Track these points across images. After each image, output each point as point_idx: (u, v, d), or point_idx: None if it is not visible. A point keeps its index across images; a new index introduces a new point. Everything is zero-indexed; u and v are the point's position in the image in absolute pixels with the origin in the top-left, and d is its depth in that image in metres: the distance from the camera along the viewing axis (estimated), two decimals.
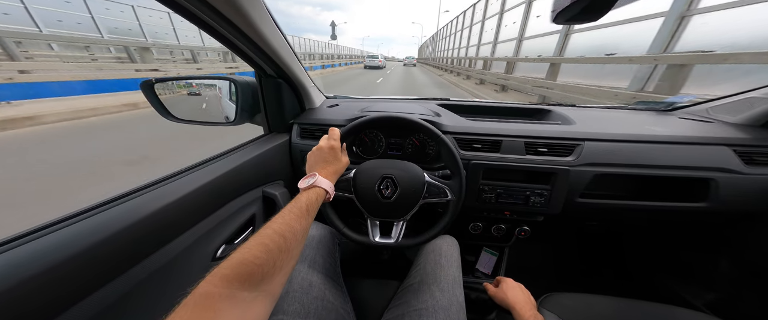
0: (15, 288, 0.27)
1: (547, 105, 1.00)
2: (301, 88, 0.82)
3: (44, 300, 0.29)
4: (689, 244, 1.01)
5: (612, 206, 0.76)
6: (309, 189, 0.47)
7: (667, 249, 1.07)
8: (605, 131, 0.75)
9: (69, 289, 0.31)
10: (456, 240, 0.74)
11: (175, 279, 0.44)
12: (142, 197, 0.43)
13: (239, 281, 0.28)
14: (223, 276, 0.27)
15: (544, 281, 0.88)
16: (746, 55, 2.37)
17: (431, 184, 0.59)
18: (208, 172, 0.54)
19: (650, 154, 0.71)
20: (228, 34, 0.52)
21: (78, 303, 0.32)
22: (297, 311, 0.50)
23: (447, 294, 0.58)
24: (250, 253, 0.31)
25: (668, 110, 0.97)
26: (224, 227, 0.56)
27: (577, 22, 0.41)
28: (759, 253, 0.81)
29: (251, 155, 0.66)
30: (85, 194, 1.91)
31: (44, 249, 0.31)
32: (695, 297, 0.95)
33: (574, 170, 0.71)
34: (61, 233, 0.33)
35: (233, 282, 0.27)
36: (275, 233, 0.35)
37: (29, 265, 0.29)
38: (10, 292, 0.26)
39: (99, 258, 0.34)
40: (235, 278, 0.27)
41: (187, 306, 0.24)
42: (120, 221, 0.38)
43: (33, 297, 0.28)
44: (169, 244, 0.44)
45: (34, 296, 0.28)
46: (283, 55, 0.65)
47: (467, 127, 0.78)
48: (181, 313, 0.23)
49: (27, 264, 0.29)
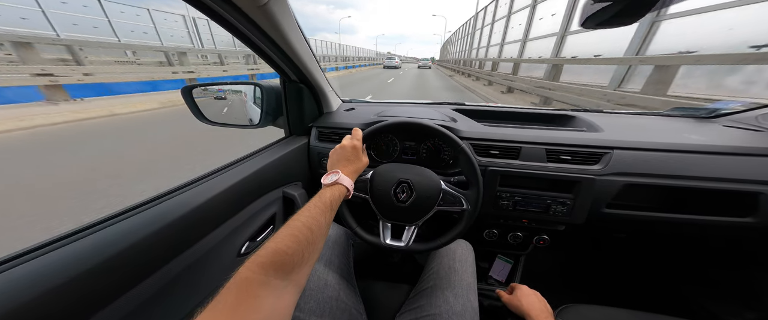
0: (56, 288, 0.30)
1: (570, 111, 0.96)
2: (320, 92, 0.85)
3: (80, 301, 0.32)
4: (726, 260, 0.92)
5: (644, 218, 0.71)
6: (332, 186, 0.48)
7: (700, 263, 0.98)
8: (637, 139, 0.70)
9: (103, 291, 0.34)
10: (471, 245, 0.72)
11: (206, 273, 0.48)
12: (170, 201, 0.46)
13: (274, 269, 0.29)
14: (261, 264, 0.28)
15: (562, 292, 0.84)
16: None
17: (447, 192, 0.59)
18: (236, 173, 0.58)
19: (690, 164, 0.66)
20: (258, 40, 0.55)
21: (114, 302, 0.35)
22: (313, 309, 0.52)
23: (461, 299, 0.57)
24: (283, 243, 0.32)
25: (710, 117, 0.89)
26: (248, 226, 0.59)
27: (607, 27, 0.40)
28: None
29: (273, 157, 0.69)
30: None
31: (80, 252, 0.34)
32: (733, 315, 0.87)
33: (600, 179, 0.68)
34: (96, 237, 0.36)
35: (269, 269, 0.28)
36: (303, 225, 0.36)
37: (73, 265, 0.32)
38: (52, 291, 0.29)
39: (140, 254, 0.38)
40: (270, 266, 0.29)
41: (231, 289, 0.25)
42: (158, 221, 0.41)
43: (76, 294, 0.31)
44: (201, 241, 0.47)
45: (77, 293, 0.31)
46: (306, 61, 0.68)
47: (485, 133, 0.76)
48: (226, 296, 0.25)
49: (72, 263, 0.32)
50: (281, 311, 0.28)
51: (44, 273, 0.30)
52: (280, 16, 0.51)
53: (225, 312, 0.23)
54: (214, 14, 0.44)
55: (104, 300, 0.34)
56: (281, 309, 0.28)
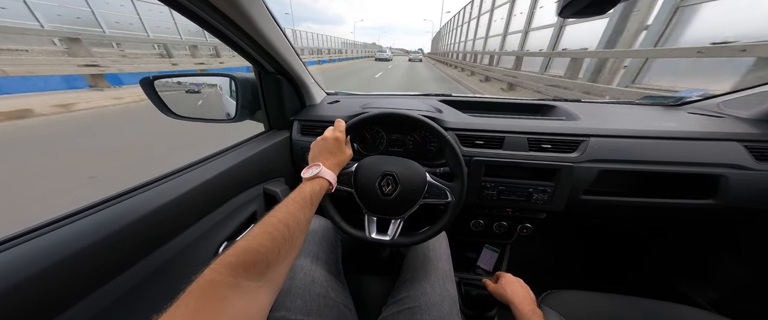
0: (18, 286, 0.27)
1: (551, 100, 0.98)
2: (301, 84, 0.81)
3: (44, 299, 0.29)
4: (695, 241, 0.99)
5: (617, 203, 0.75)
6: (312, 179, 0.46)
7: (672, 246, 1.05)
8: (611, 127, 0.73)
9: (69, 288, 0.32)
10: (445, 233, 0.73)
11: (177, 276, 0.45)
12: (142, 194, 0.43)
13: (244, 269, 0.27)
14: (228, 264, 0.27)
15: (546, 278, 0.88)
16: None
17: (432, 184, 0.59)
18: (209, 169, 0.54)
19: (658, 150, 0.69)
20: (227, 31, 0.51)
21: (79, 302, 0.32)
22: (299, 307, 0.51)
23: (438, 289, 0.58)
24: (255, 241, 0.30)
25: (677, 105, 0.95)
26: (226, 225, 0.56)
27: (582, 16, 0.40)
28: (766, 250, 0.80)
29: (252, 152, 0.66)
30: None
31: (44, 248, 0.31)
32: (700, 295, 0.94)
33: (578, 166, 0.70)
34: (62, 231, 0.34)
35: (238, 270, 0.27)
36: (279, 221, 0.34)
37: (30, 264, 0.29)
38: (13, 289, 0.27)
39: (100, 256, 0.35)
40: (240, 266, 0.27)
41: (192, 293, 0.23)
42: (120, 219, 0.38)
43: (34, 296, 0.29)
44: (171, 241, 0.44)
45: (34, 294, 0.29)
46: (282, 51, 0.64)
47: (469, 123, 0.77)
48: (186, 300, 0.23)
49: (28, 263, 0.29)
50: (254, 313, 0.26)
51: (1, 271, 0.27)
52: (248, 5, 0.47)
53: (186, 317, 0.21)
54: (177, 5, 0.41)
55: (67, 300, 0.31)
56: (254, 312, 0.26)
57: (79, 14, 9.35)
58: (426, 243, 0.68)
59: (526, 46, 7.87)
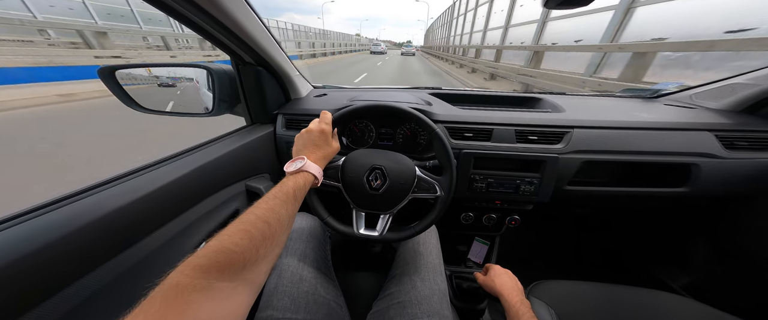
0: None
1: (537, 93, 1.00)
2: (284, 77, 0.78)
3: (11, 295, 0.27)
4: (670, 229, 1.04)
5: (599, 193, 0.77)
6: (296, 173, 0.44)
7: (651, 234, 1.11)
8: (593, 119, 0.75)
9: (28, 290, 0.29)
10: (434, 226, 0.73)
11: (151, 277, 0.41)
12: (112, 189, 0.40)
13: (217, 270, 0.26)
14: (197, 266, 0.25)
15: (535, 269, 0.90)
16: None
17: (421, 178, 0.58)
18: (185, 164, 0.51)
19: (636, 140, 0.72)
20: (197, 19, 0.47)
21: (38, 306, 0.29)
22: (287, 306, 0.49)
23: (428, 283, 0.58)
24: (230, 240, 0.28)
25: (654, 97, 0.99)
26: (205, 223, 0.53)
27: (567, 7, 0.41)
28: (736, 235, 0.85)
29: (232, 147, 0.62)
30: None
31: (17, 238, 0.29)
32: (675, 281, 0.99)
33: (563, 157, 0.71)
34: (23, 227, 0.30)
35: (210, 271, 0.25)
36: (259, 218, 0.32)
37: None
38: None
39: (64, 255, 0.31)
40: (211, 267, 0.25)
41: (154, 298, 0.21)
42: (88, 214, 0.34)
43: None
44: (143, 240, 0.41)
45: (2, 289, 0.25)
46: (261, 41, 0.61)
47: (458, 116, 0.76)
48: (147, 307, 0.21)
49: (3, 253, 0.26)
50: (228, 315, 0.25)
51: None
52: None
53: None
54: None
55: (23, 305, 0.28)
56: (228, 313, 0.25)
57: None
58: (416, 238, 0.68)
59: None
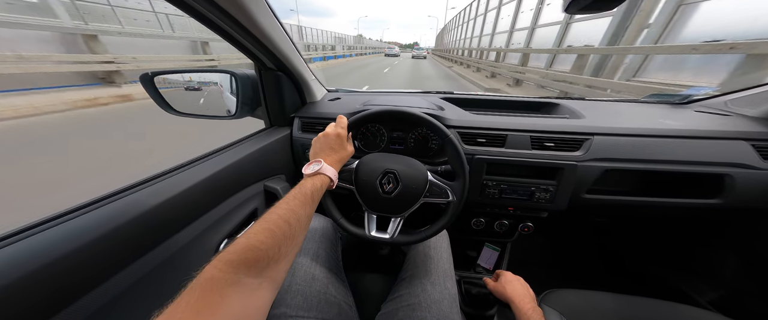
0: (15, 283, 0.27)
1: (554, 98, 0.97)
2: (301, 81, 0.81)
3: (42, 297, 0.29)
4: (699, 240, 0.98)
5: (621, 203, 0.74)
6: (314, 176, 0.46)
7: (676, 245, 1.05)
8: (616, 125, 0.72)
9: (68, 286, 0.32)
10: (446, 231, 0.73)
11: (177, 274, 0.45)
12: (142, 191, 0.43)
13: (245, 266, 0.27)
14: (229, 261, 0.27)
15: (547, 277, 0.88)
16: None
17: (433, 183, 0.58)
18: (209, 166, 0.54)
19: (663, 149, 0.68)
20: (226, 27, 0.50)
21: (80, 299, 0.32)
22: (300, 304, 0.51)
23: (439, 287, 0.58)
24: (256, 238, 0.30)
25: (683, 103, 0.93)
26: (226, 222, 0.56)
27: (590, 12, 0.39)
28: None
29: (252, 149, 0.65)
30: None
31: (43, 244, 0.31)
32: (701, 295, 0.93)
33: (581, 165, 0.69)
34: (61, 228, 0.33)
35: (239, 267, 0.27)
36: (280, 218, 0.34)
37: (29, 261, 0.29)
38: (10, 287, 0.27)
39: (99, 254, 0.34)
40: (240, 263, 0.27)
41: (193, 290, 0.23)
42: (120, 216, 0.37)
43: (32, 294, 0.28)
44: (170, 239, 0.44)
45: (33, 292, 0.28)
46: (282, 47, 0.64)
47: (471, 121, 0.76)
48: (187, 298, 0.23)
49: (26, 260, 0.29)
50: (254, 310, 0.26)
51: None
52: (249, 1, 0.47)
53: (186, 314, 0.21)
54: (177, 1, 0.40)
55: (64, 300, 0.31)
56: (254, 308, 0.26)
57: None
58: (427, 241, 0.68)
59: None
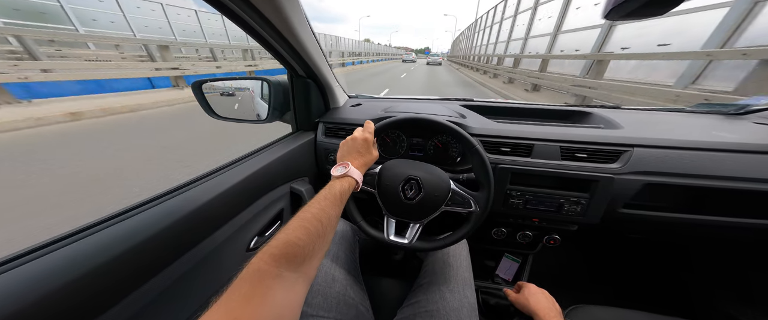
0: (78, 279, 0.30)
1: (586, 107, 0.91)
2: (327, 87, 0.84)
3: (99, 291, 0.32)
4: (752, 264, 0.88)
5: (662, 219, 0.68)
6: (342, 178, 0.47)
7: (722, 267, 0.94)
8: (660, 137, 0.67)
9: (121, 282, 0.35)
10: (465, 240, 0.71)
11: (216, 268, 0.48)
12: (188, 192, 0.47)
13: (286, 260, 0.29)
14: (272, 255, 0.28)
15: (571, 292, 0.83)
16: None
17: (456, 192, 0.58)
18: (243, 169, 0.58)
19: (717, 163, 0.62)
20: (267, 35, 0.54)
21: (127, 297, 0.35)
22: (320, 304, 0.53)
23: (457, 295, 0.57)
24: (294, 234, 0.32)
25: (740, 114, 0.84)
26: (257, 221, 0.60)
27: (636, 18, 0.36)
28: None
29: (281, 153, 0.69)
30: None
31: (96, 246, 0.34)
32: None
33: (619, 178, 0.65)
34: (110, 230, 0.36)
35: (281, 261, 0.28)
36: (314, 217, 0.35)
37: (84, 261, 0.31)
38: (73, 283, 0.30)
39: (146, 253, 0.37)
40: (282, 257, 0.29)
41: (244, 280, 0.25)
42: (170, 216, 0.41)
43: (88, 291, 0.31)
44: (209, 237, 0.47)
45: (89, 289, 0.31)
46: (314, 56, 0.67)
47: (495, 129, 0.74)
48: (240, 286, 0.25)
49: (84, 259, 0.31)
50: (293, 303, 0.28)
51: (46, 275, 0.29)
52: (290, 12, 0.50)
53: (240, 302, 0.24)
54: (222, 6, 0.43)
55: (109, 301, 0.34)
56: (293, 302, 0.28)
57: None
58: (446, 249, 0.68)
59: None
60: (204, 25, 12.46)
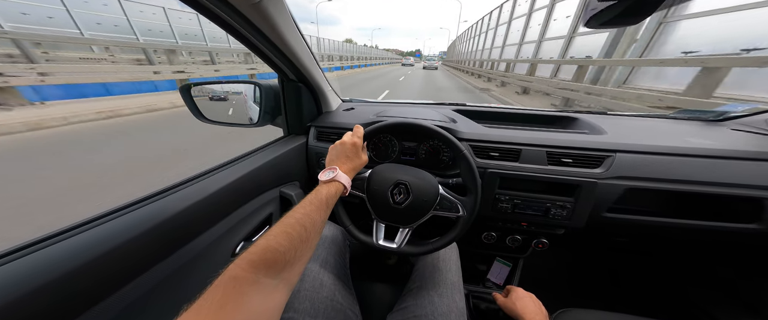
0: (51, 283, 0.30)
1: (573, 112, 0.94)
2: (319, 91, 0.84)
3: (76, 294, 0.32)
4: (728, 266, 0.90)
5: (644, 223, 0.70)
6: (329, 183, 0.47)
7: (701, 269, 0.97)
8: (641, 142, 0.69)
9: (101, 284, 0.34)
10: (456, 245, 0.72)
11: (199, 273, 0.48)
12: (169, 197, 0.46)
13: (265, 267, 0.28)
14: (250, 261, 0.28)
15: (560, 295, 0.84)
16: None
17: (444, 197, 0.58)
18: (231, 173, 0.58)
19: (694, 169, 0.64)
20: (253, 39, 0.54)
21: (109, 297, 0.35)
22: (307, 310, 0.52)
23: (446, 299, 0.57)
24: (275, 240, 0.31)
25: (718, 120, 0.87)
26: (243, 226, 0.59)
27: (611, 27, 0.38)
28: None
29: (271, 157, 0.69)
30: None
31: (76, 247, 0.34)
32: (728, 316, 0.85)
33: (602, 183, 0.66)
34: (94, 231, 0.36)
35: (259, 267, 0.28)
36: (297, 222, 0.35)
37: (62, 263, 0.31)
38: (46, 287, 0.29)
39: (130, 254, 0.37)
40: (260, 263, 0.28)
41: (219, 287, 0.25)
42: (149, 220, 0.40)
43: (65, 292, 0.31)
44: (193, 241, 0.47)
45: (66, 290, 0.31)
46: (304, 60, 0.68)
47: (484, 134, 0.75)
48: (214, 293, 0.24)
49: (62, 261, 0.31)
50: (270, 310, 0.28)
51: (30, 272, 0.29)
52: (276, 15, 0.50)
53: (211, 310, 0.23)
54: (207, 12, 0.44)
55: (92, 299, 0.34)
56: (270, 309, 0.28)
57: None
58: (436, 254, 0.68)
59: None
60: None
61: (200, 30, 12.16)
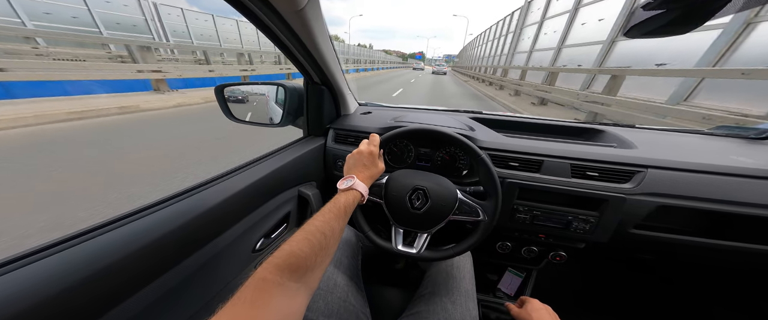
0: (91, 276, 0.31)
1: (599, 125, 0.90)
2: (339, 94, 0.86)
3: (102, 293, 0.33)
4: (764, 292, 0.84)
5: (675, 242, 0.67)
6: (347, 191, 0.49)
7: (736, 292, 0.90)
8: (675, 159, 0.66)
9: (132, 279, 0.36)
10: (469, 252, 0.71)
11: (223, 268, 0.49)
12: (197, 195, 0.48)
13: (289, 271, 0.30)
14: (276, 265, 0.30)
15: (575, 310, 0.81)
16: None
17: (463, 202, 0.58)
18: (254, 172, 0.60)
19: (734, 188, 0.61)
20: (289, 43, 0.56)
21: (135, 295, 0.36)
22: (321, 309, 0.53)
23: (460, 307, 0.57)
24: (298, 246, 0.33)
25: (761, 138, 0.81)
26: (264, 223, 0.61)
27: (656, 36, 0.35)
28: None
29: (292, 157, 0.71)
30: None
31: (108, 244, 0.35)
32: None
33: (631, 198, 0.64)
34: (121, 230, 0.37)
35: (284, 271, 0.30)
36: (318, 230, 0.36)
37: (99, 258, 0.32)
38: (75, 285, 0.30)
39: (155, 253, 0.38)
40: (285, 268, 0.30)
41: (249, 287, 0.27)
42: (178, 218, 0.42)
43: (93, 290, 0.32)
44: (217, 238, 0.49)
45: (94, 289, 0.32)
46: (331, 64, 0.69)
47: (504, 144, 0.74)
48: (245, 293, 0.26)
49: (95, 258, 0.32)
50: (294, 313, 0.29)
51: (57, 272, 0.30)
52: (314, 21, 0.52)
53: (244, 308, 0.25)
54: (251, 15, 0.45)
55: (117, 298, 0.34)
56: (294, 311, 0.29)
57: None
58: (450, 260, 0.68)
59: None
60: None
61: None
